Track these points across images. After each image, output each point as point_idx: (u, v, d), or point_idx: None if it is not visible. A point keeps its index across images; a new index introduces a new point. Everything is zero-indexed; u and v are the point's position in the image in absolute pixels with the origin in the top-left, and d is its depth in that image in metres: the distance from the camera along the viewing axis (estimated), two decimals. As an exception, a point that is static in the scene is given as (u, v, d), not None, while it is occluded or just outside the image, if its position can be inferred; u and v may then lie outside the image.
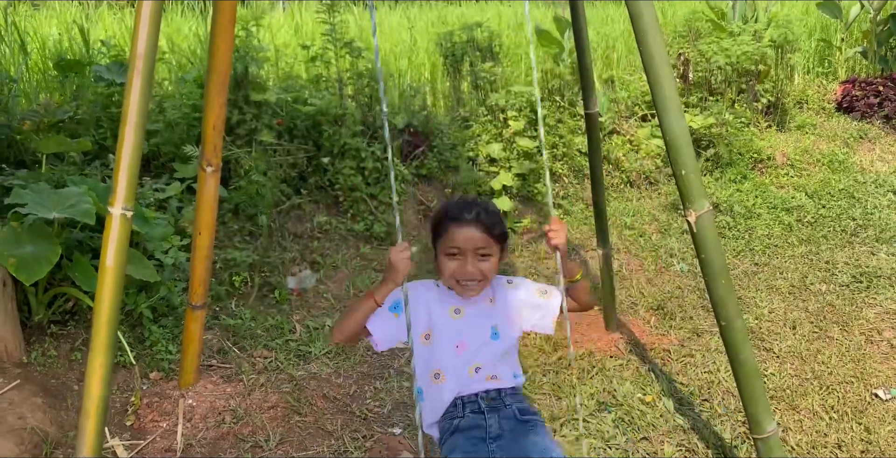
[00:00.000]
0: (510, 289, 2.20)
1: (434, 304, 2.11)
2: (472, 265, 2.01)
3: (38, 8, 10.14)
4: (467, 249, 2.00)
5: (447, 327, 2.07)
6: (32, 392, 3.11)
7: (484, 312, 2.12)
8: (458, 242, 2.00)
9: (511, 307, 2.16)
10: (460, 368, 2.05)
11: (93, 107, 5.04)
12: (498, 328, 2.11)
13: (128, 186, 2.25)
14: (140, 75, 2.28)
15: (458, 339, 2.07)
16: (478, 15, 9.52)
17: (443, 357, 2.06)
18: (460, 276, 2.03)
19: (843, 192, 6.08)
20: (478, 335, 2.08)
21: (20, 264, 3.13)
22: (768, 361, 3.73)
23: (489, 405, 2.04)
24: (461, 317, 2.10)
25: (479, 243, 2.00)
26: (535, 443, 1.99)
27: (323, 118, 5.18)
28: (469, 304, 2.12)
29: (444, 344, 2.06)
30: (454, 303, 2.11)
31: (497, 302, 2.15)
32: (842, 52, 8.59)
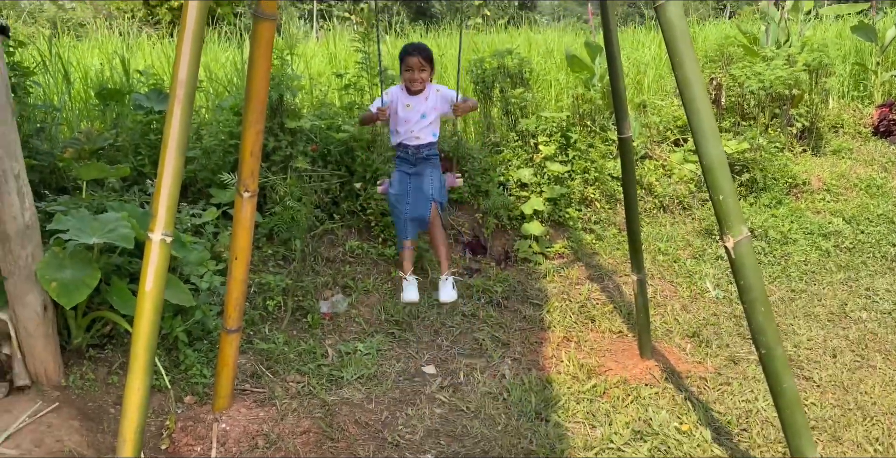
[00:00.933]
0: (437, 93, 3.90)
1: (399, 100, 3.90)
2: (416, 74, 3.82)
3: (81, 39, 10.45)
4: (413, 66, 3.81)
5: (402, 112, 3.90)
6: (70, 415, 3.15)
7: (421, 105, 3.88)
8: (408, 63, 3.82)
9: (435, 102, 3.89)
10: (405, 133, 3.91)
11: (132, 134, 5.15)
12: (425, 114, 3.88)
13: (168, 212, 2.29)
14: (181, 103, 2.34)
15: (406, 118, 3.90)
16: (507, 42, 9.59)
17: (399, 126, 3.93)
18: (411, 80, 3.84)
19: (882, 217, 5.96)
20: (414, 117, 3.89)
21: (61, 288, 3.19)
22: (808, 390, 3.65)
23: (413, 150, 3.92)
24: (409, 108, 3.89)
25: (420, 64, 3.81)
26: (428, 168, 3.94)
27: (356, 144, 5.24)
28: (415, 101, 3.88)
29: (401, 120, 3.91)
30: (407, 100, 3.89)
31: (429, 100, 3.89)
32: (878, 75, 8.49)
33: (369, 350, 4.03)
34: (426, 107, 3.88)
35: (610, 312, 4.55)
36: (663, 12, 2.37)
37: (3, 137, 3.11)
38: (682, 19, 2.38)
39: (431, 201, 3.88)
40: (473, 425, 3.41)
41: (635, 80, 7.94)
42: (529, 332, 4.33)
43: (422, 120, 3.87)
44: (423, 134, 3.89)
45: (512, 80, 6.46)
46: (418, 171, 3.91)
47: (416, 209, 3.86)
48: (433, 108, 3.89)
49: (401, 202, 3.89)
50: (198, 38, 2.36)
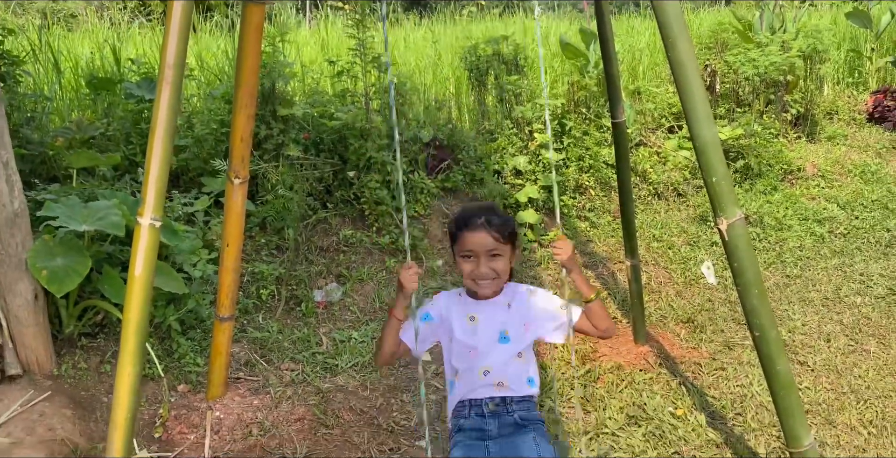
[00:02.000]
0: (529, 297, 2.31)
1: (454, 312, 2.27)
2: (484, 266, 2.18)
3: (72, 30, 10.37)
4: (479, 251, 2.17)
5: (463, 332, 2.23)
6: (62, 404, 3.13)
7: (497, 317, 2.24)
8: (470, 246, 2.17)
9: (526, 313, 2.27)
10: (472, 370, 2.20)
11: (123, 123, 5.12)
12: (508, 333, 2.22)
13: (156, 196, 2.27)
14: (169, 85, 2.30)
15: (472, 343, 2.22)
16: (502, 29, 9.54)
17: (460, 359, 2.23)
18: (475, 276, 2.20)
19: (877, 203, 5.96)
20: (487, 339, 2.21)
21: (51, 276, 3.17)
22: (803, 374, 3.65)
23: (492, 411, 2.17)
24: (475, 323, 2.24)
25: (490, 246, 2.16)
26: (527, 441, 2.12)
27: (349, 132, 5.20)
28: (485, 310, 2.26)
29: (461, 348, 2.23)
30: (471, 310, 2.27)
31: (513, 308, 2.26)
32: (872, 62, 8.47)
33: (364, 338, 4.02)
34: (510, 318, 2.24)
35: (604, 298, 4.54)
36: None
37: (-9, 125, 3.08)
38: (676, 5, 2.35)
39: None
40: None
41: (630, 66, 7.91)
42: (524, 319, 4.32)
43: (499, 346, 2.20)
44: (508, 376, 2.19)
45: (507, 67, 6.43)
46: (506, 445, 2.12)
47: None
48: (523, 323, 2.24)
49: None
50: (185, 20, 2.32)
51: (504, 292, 2.28)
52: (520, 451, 2.08)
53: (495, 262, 2.18)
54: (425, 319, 2.26)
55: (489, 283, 2.20)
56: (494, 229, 2.16)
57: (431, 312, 2.28)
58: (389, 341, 2.24)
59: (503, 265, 2.20)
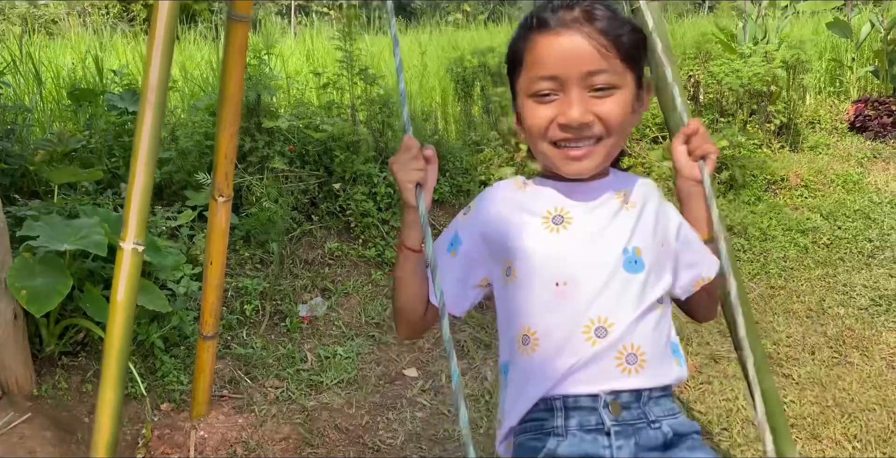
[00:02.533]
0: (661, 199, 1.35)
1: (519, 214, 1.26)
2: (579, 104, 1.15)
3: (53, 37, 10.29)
4: (570, 75, 1.15)
5: (543, 251, 1.21)
6: (43, 426, 3.09)
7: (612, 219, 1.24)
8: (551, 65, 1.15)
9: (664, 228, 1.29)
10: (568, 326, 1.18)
11: (105, 136, 5.07)
12: (640, 253, 1.21)
13: (139, 220, 2.25)
14: (152, 107, 2.28)
15: (561, 272, 1.20)
16: (488, 39, 9.56)
17: (535, 307, 1.20)
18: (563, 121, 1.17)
19: (859, 213, 6.01)
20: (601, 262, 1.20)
21: (31, 296, 3.12)
22: (787, 387, 3.66)
23: (619, 419, 1.16)
24: (567, 230, 1.21)
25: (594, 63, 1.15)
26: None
27: (335, 144, 5.18)
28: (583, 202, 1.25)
29: (538, 283, 1.20)
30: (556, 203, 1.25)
31: (639, 206, 1.28)
32: (853, 71, 8.56)
33: (349, 354, 3.99)
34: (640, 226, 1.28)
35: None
36: (641, 15, 2.35)
37: (-30, 143, 3.04)
38: (660, 21, 2.36)
39: None
40: (455, 428, 3.39)
41: (614, 77, 7.94)
42: (510, 333, 4.31)
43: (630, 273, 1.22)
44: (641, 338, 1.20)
45: (493, 78, 6.44)
46: None
47: None
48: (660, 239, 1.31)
49: None
50: (169, 40, 2.30)
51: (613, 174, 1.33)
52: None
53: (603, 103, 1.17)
54: (453, 245, 1.34)
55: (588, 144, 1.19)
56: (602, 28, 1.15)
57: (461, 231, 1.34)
58: (409, 293, 1.31)
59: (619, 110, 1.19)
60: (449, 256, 1.32)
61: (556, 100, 1.17)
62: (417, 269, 1.29)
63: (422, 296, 1.31)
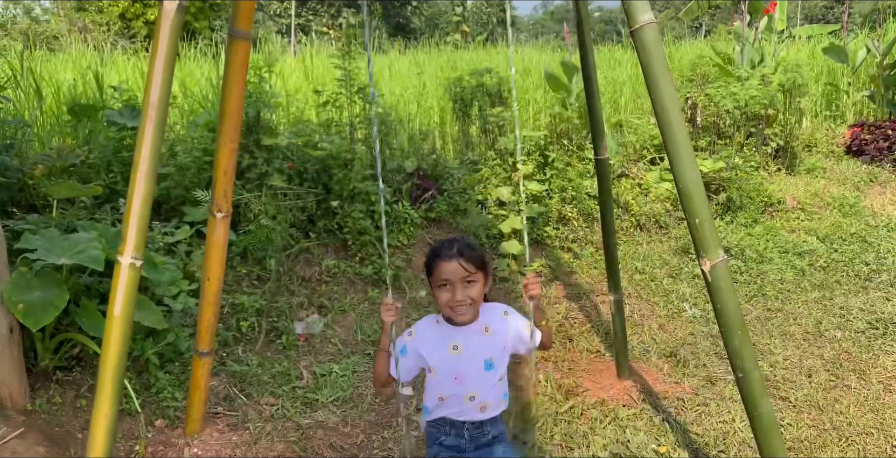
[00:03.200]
0: (504, 320, 2.42)
1: (435, 341, 2.35)
2: (460, 293, 2.25)
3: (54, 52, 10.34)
4: (454, 279, 2.24)
5: (447, 363, 2.33)
6: (36, 441, 3.06)
7: (480, 345, 2.34)
8: (444, 274, 2.24)
9: (504, 337, 2.38)
10: (458, 396, 2.33)
11: (104, 151, 5.08)
12: (493, 360, 2.34)
13: (138, 235, 2.24)
14: (153, 124, 2.29)
15: (457, 372, 2.33)
16: (486, 60, 9.64)
17: (444, 386, 2.34)
18: (452, 303, 2.26)
19: (855, 236, 6.03)
20: (473, 368, 2.33)
21: (27, 309, 3.11)
22: (784, 410, 3.65)
23: (471, 433, 2.37)
24: (459, 352, 2.33)
25: (463, 274, 2.23)
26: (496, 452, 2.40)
27: (333, 162, 5.20)
28: (466, 337, 2.33)
29: (445, 376, 2.33)
30: (453, 338, 2.34)
31: (492, 332, 2.37)
32: (849, 96, 8.63)
33: (345, 372, 3.98)
34: (492, 344, 2.33)
35: (587, 331, 4.53)
36: (640, 37, 2.37)
37: (-30, 156, 3.05)
38: (658, 44, 2.38)
39: None
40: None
41: (612, 99, 8.00)
42: (507, 352, 4.30)
43: (487, 372, 2.32)
44: (483, 393, 2.32)
45: (491, 98, 6.49)
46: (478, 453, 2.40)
47: None
48: (503, 346, 2.35)
49: None
50: (170, 58, 2.32)
51: (481, 316, 2.36)
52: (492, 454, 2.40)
53: (470, 289, 2.26)
54: (402, 353, 2.35)
55: (466, 308, 2.28)
56: (466, 258, 2.25)
57: (408, 345, 2.37)
58: (382, 371, 2.38)
59: (477, 292, 2.28)
60: (402, 357, 2.35)
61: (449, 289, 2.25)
62: (387, 361, 2.37)
63: (388, 375, 2.38)
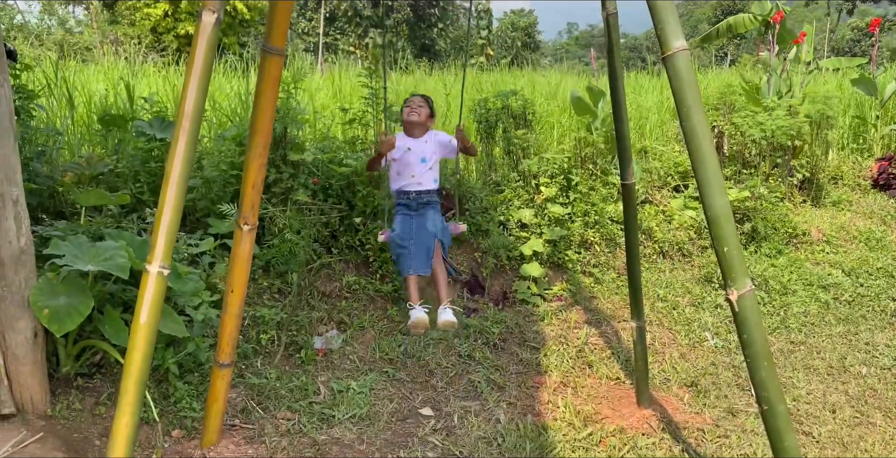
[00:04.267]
0: (437, 136, 4.26)
1: (400, 144, 4.10)
2: (415, 107, 4.21)
3: (87, 63, 10.52)
4: (412, 104, 4.22)
5: (403, 156, 4.14)
6: (55, 446, 3.07)
7: (421, 148, 4.18)
8: (408, 103, 4.25)
9: (435, 145, 4.23)
10: (406, 177, 4.17)
11: (132, 161, 5.14)
12: (426, 157, 4.18)
13: (166, 244, 2.26)
14: (186, 134, 2.33)
15: (406, 162, 4.15)
16: (511, 82, 9.68)
17: (401, 170, 4.18)
18: (408, 114, 4.19)
19: (882, 271, 5.95)
20: (415, 161, 4.16)
21: (53, 315, 3.14)
22: (808, 446, 3.59)
23: (414, 198, 4.14)
24: (410, 152, 4.15)
25: (418, 102, 4.24)
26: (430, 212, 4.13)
27: (357, 179, 5.23)
28: (415, 144, 4.18)
29: (402, 164, 4.17)
30: (408, 143, 4.17)
31: (429, 143, 4.22)
32: (877, 129, 8.56)
33: (362, 389, 3.96)
34: (426, 150, 4.17)
35: (608, 358, 4.49)
36: (671, 63, 2.37)
37: (4, 162, 3.09)
38: (689, 70, 2.38)
39: (435, 238, 4.03)
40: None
41: (638, 125, 7.99)
42: (526, 375, 4.27)
43: (422, 164, 4.15)
44: (424, 179, 4.15)
45: (515, 120, 6.50)
46: (420, 212, 4.09)
47: (420, 245, 3.96)
48: (433, 152, 4.19)
49: (405, 240, 3.96)
50: (206, 70, 2.35)
51: (426, 136, 4.22)
52: (426, 217, 4.07)
53: (420, 108, 4.21)
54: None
55: (416, 117, 4.18)
56: (422, 96, 4.32)
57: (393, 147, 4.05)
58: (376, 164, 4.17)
59: (424, 113, 4.21)
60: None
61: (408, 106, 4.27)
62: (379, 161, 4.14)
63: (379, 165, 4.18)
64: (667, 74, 2.41)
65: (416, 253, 3.93)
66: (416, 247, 3.94)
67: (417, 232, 3.99)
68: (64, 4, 31.00)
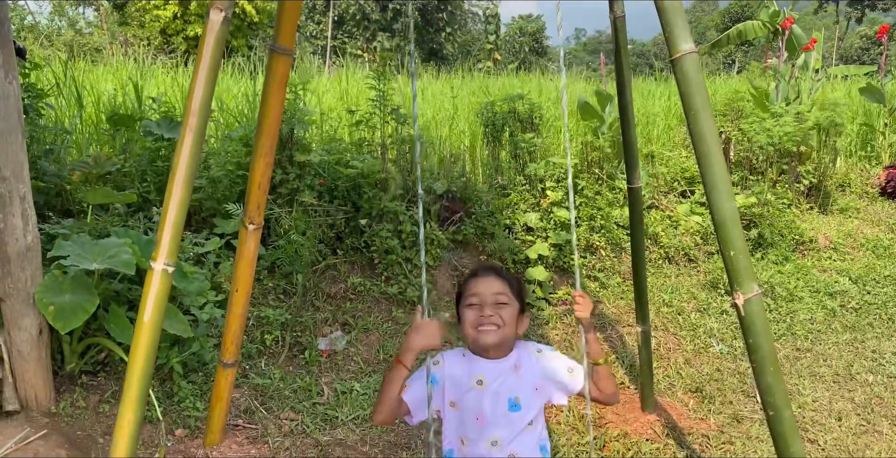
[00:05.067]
0: (538, 358, 2.14)
1: (459, 374, 2.08)
2: (490, 309, 2.04)
3: (96, 64, 10.56)
4: (485, 295, 2.05)
5: (470, 398, 2.05)
6: (58, 443, 3.07)
7: (507, 383, 2.06)
8: (476, 290, 2.07)
9: (535, 375, 2.11)
10: (479, 440, 2.03)
11: (139, 160, 5.15)
12: (519, 400, 2.05)
13: (172, 241, 2.25)
14: (192, 132, 2.32)
15: (479, 410, 2.04)
16: (518, 86, 9.68)
17: (467, 426, 2.06)
18: (479, 321, 2.04)
19: (889, 279, 5.92)
20: (497, 407, 2.03)
21: (58, 312, 3.14)
22: (813, 453, 3.57)
23: None
24: (483, 388, 2.05)
25: (497, 289, 2.06)
26: None
27: (364, 181, 5.23)
28: (493, 372, 2.07)
29: (467, 414, 2.05)
30: (478, 373, 2.07)
31: (522, 371, 2.09)
32: (885, 137, 8.54)
33: (366, 390, 3.95)
34: (520, 383, 2.08)
35: (612, 362, 4.47)
36: (680, 66, 2.36)
37: (13, 159, 3.10)
38: (698, 73, 2.37)
39: None
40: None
41: (645, 130, 7.98)
42: (529, 379, 4.25)
43: (512, 413, 2.05)
44: (517, 447, 2.04)
45: (522, 124, 6.50)
46: None
47: None
48: (533, 386, 2.10)
49: None
50: (214, 68, 2.35)
51: (511, 353, 2.10)
52: None
53: (501, 309, 2.04)
54: (434, 382, 2.02)
55: (494, 329, 2.02)
56: (505, 277, 2.11)
57: (437, 375, 2.05)
58: (391, 395, 1.98)
59: (509, 315, 2.05)
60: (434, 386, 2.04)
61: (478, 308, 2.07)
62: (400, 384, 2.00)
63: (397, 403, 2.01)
64: (675, 77, 2.40)
65: None
66: None
67: None
68: (74, 5, 31.16)
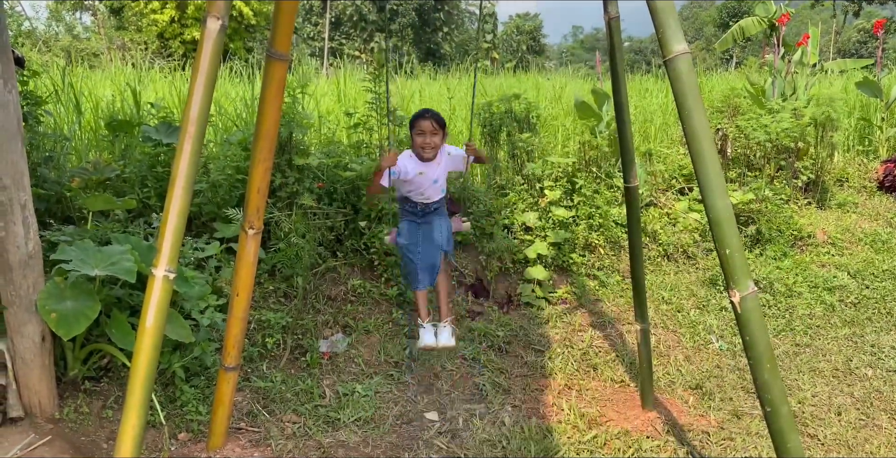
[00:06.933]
0: (448, 157, 3.85)
1: (410, 168, 3.72)
2: (428, 137, 3.68)
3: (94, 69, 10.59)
4: (426, 130, 3.67)
5: (417, 180, 3.76)
6: (62, 449, 3.09)
7: (433, 171, 3.79)
8: (420, 126, 3.68)
9: (446, 164, 3.86)
10: (415, 194, 3.84)
11: (139, 166, 5.17)
12: (438, 179, 3.83)
13: (172, 248, 2.28)
14: (191, 140, 2.34)
15: (418, 184, 3.79)
16: (515, 86, 9.70)
17: (413, 192, 3.83)
18: (423, 144, 3.70)
19: (888, 273, 5.94)
20: (426, 183, 3.79)
21: (60, 319, 3.16)
22: (813, 448, 3.59)
23: (422, 209, 3.87)
24: (422, 175, 3.76)
25: (432, 126, 3.67)
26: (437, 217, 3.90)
27: (362, 183, 5.25)
28: (428, 167, 3.76)
29: (413, 185, 3.80)
30: (419, 168, 3.74)
31: (441, 164, 3.82)
32: (882, 131, 8.55)
33: (367, 392, 3.98)
34: (439, 172, 3.80)
35: (612, 360, 4.50)
36: (673, 66, 2.38)
37: (13, 167, 3.12)
38: (691, 73, 2.40)
39: (440, 251, 3.85)
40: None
41: (642, 128, 8.00)
42: (530, 378, 4.28)
43: (434, 185, 3.80)
44: (433, 194, 3.83)
45: (519, 124, 6.51)
46: (427, 220, 3.87)
47: (427, 258, 3.81)
48: (444, 170, 3.85)
49: (412, 252, 3.81)
50: (211, 76, 2.37)
51: (438, 157, 3.77)
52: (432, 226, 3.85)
53: (435, 136, 3.69)
54: (393, 174, 3.65)
55: (430, 149, 3.71)
56: (436, 117, 3.68)
57: (396, 170, 3.65)
58: (376, 185, 3.70)
59: (439, 138, 3.71)
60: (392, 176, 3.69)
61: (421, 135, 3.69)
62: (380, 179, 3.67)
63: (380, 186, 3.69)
64: (669, 77, 2.43)
65: (423, 268, 3.81)
66: (423, 261, 3.80)
67: (424, 244, 3.82)
68: (71, 11, 31.18)
